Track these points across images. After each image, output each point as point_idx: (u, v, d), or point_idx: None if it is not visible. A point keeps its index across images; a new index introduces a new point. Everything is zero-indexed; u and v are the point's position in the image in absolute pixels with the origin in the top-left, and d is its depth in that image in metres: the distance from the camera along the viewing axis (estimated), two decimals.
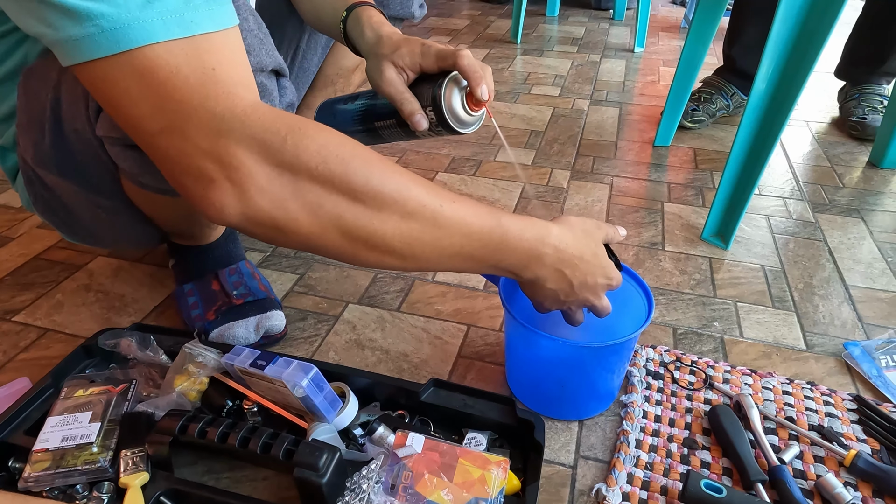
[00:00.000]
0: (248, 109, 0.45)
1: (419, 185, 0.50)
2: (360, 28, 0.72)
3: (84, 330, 0.84)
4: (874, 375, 0.76)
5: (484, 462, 0.57)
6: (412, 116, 0.65)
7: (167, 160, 0.47)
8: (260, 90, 0.60)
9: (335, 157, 0.46)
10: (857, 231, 1.10)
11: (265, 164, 0.45)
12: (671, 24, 2.66)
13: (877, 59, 1.49)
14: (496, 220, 0.54)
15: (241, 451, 0.57)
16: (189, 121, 0.44)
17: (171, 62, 0.43)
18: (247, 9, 0.57)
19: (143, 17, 0.41)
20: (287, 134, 0.45)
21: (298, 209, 0.47)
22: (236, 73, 0.46)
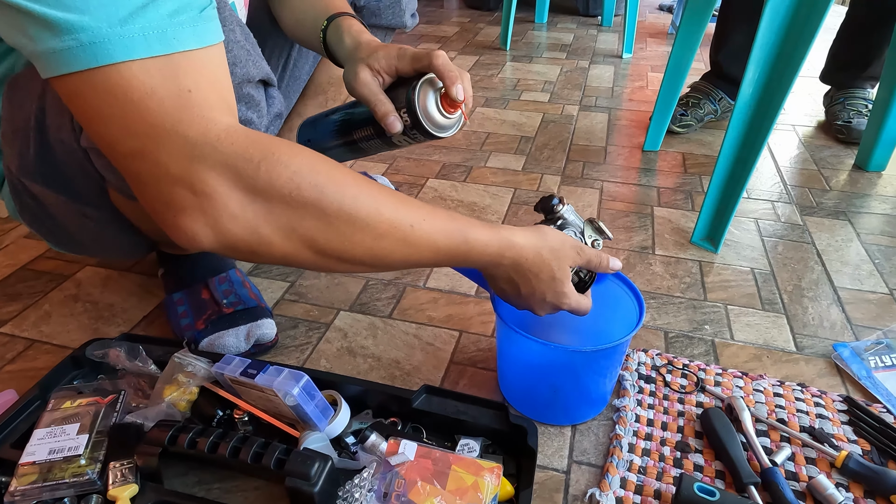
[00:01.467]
0: (221, 134, 0.44)
1: (392, 205, 0.51)
2: (339, 36, 0.71)
3: (72, 341, 0.83)
4: (863, 376, 0.76)
5: (477, 469, 0.57)
6: (386, 118, 0.64)
7: (138, 183, 0.46)
8: (247, 101, 0.60)
9: (309, 184, 0.46)
10: (844, 233, 1.11)
11: (238, 191, 0.45)
12: (659, 30, 2.69)
13: (860, 63, 1.51)
14: (463, 236, 0.55)
15: (231, 460, 0.56)
16: (161, 145, 0.43)
17: (146, 82, 0.42)
18: (234, 20, 0.57)
19: (123, 33, 0.40)
20: (261, 160, 0.45)
21: (272, 233, 0.47)
22: (213, 95, 0.45)
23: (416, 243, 0.52)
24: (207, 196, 0.44)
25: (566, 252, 0.60)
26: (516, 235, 0.58)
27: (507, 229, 0.58)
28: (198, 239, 0.46)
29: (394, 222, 0.50)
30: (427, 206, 0.54)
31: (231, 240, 0.47)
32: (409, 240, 0.52)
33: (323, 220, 0.48)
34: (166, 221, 0.47)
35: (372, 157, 1.41)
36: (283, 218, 0.47)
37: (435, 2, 3.21)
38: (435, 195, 1.23)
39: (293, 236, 0.48)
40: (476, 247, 0.56)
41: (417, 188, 1.26)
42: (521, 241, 0.58)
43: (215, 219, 0.45)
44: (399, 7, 0.97)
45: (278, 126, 0.71)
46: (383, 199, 0.50)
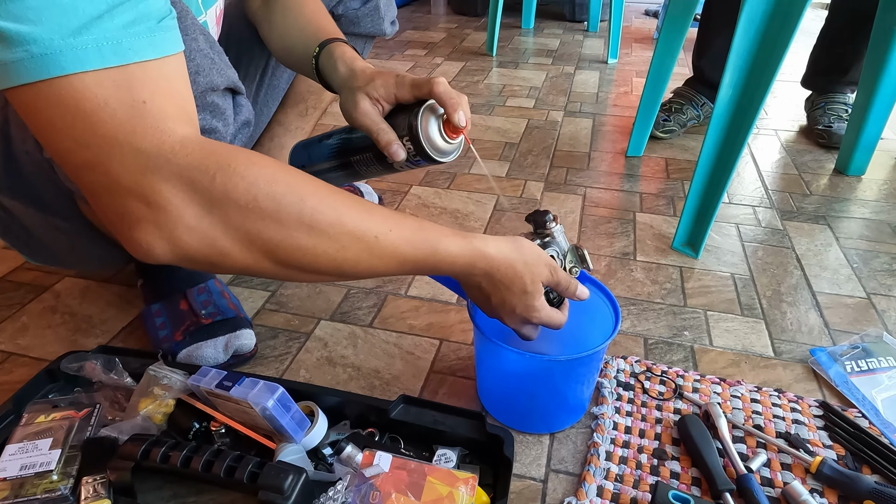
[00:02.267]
0: (176, 146, 0.43)
1: (355, 215, 0.50)
2: (332, 63, 0.71)
3: (49, 353, 0.82)
4: (840, 381, 0.77)
5: (452, 479, 0.57)
6: (389, 147, 0.64)
7: (92, 195, 0.46)
8: (211, 109, 0.60)
9: (265, 194, 0.46)
10: (823, 238, 1.12)
11: (193, 203, 0.44)
12: (644, 36, 2.71)
13: (840, 68, 1.53)
14: (431, 247, 0.54)
15: (205, 474, 0.56)
16: (113, 157, 0.42)
17: (98, 94, 0.41)
18: (197, 28, 0.57)
19: (76, 44, 0.40)
20: (216, 171, 0.44)
21: (230, 245, 0.47)
22: (170, 106, 0.45)
23: (381, 254, 0.52)
24: (161, 208, 0.44)
25: (540, 268, 0.60)
26: (489, 246, 0.58)
27: (481, 239, 0.58)
28: (153, 251, 0.46)
29: (357, 233, 0.50)
30: (395, 216, 0.54)
31: (187, 252, 0.46)
32: (374, 250, 0.51)
33: (282, 232, 0.47)
34: (122, 233, 0.46)
35: None
36: (240, 229, 0.46)
37: (422, 8, 3.22)
38: (418, 202, 1.24)
39: (252, 247, 0.47)
40: (445, 258, 0.55)
41: (401, 195, 1.26)
42: (493, 252, 0.58)
43: (170, 231, 0.45)
44: (378, 15, 0.97)
45: (246, 134, 0.71)
46: (347, 210, 0.50)
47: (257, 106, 0.98)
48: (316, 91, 1.05)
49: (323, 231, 0.48)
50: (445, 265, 0.56)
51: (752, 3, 0.87)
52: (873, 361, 0.80)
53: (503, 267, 0.58)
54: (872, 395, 0.75)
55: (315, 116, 1.09)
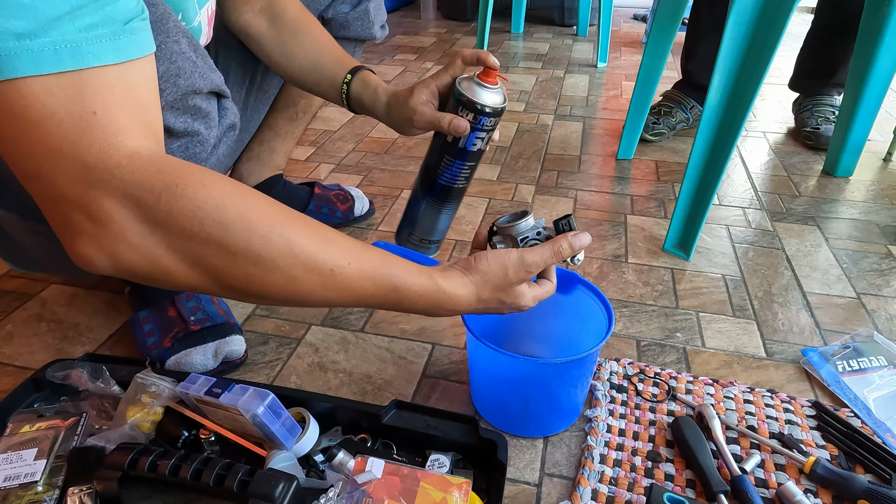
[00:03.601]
0: (122, 161, 0.42)
1: (310, 246, 0.48)
2: (371, 90, 0.78)
3: (35, 361, 0.81)
4: (832, 381, 0.77)
5: (445, 485, 0.56)
6: (451, 123, 0.68)
7: (39, 202, 0.44)
8: (193, 112, 0.59)
9: (213, 220, 0.44)
10: (813, 238, 1.13)
11: (136, 221, 0.43)
12: (633, 40, 2.72)
13: (827, 71, 1.54)
14: (394, 286, 0.53)
15: (194, 483, 0.55)
16: (57, 168, 0.41)
17: (46, 103, 0.39)
18: (179, 31, 0.56)
19: (31, 46, 0.38)
20: (162, 191, 0.43)
21: (173, 264, 0.46)
22: (124, 117, 0.43)
23: (336, 288, 0.50)
24: (103, 223, 0.43)
25: (513, 277, 0.58)
26: (456, 284, 0.57)
27: (446, 277, 0.56)
28: (94, 264, 0.45)
29: (310, 265, 0.48)
30: (357, 249, 0.52)
31: (129, 267, 0.45)
32: (329, 284, 0.50)
33: (228, 259, 0.46)
34: (65, 243, 0.45)
35: (347, 170, 1.40)
36: (184, 251, 0.45)
37: (412, 13, 3.22)
38: None
39: (196, 269, 0.46)
40: (407, 295, 0.54)
41: (392, 199, 1.26)
42: (461, 291, 0.57)
43: (112, 246, 0.44)
44: (368, 19, 0.97)
45: (232, 138, 0.70)
46: (301, 241, 0.48)
47: (247, 110, 0.97)
48: (306, 96, 1.04)
49: (272, 262, 0.47)
50: (408, 303, 0.55)
51: (740, 8, 0.87)
52: (864, 361, 0.80)
53: (472, 305, 0.58)
54: (864, 394, 0.75)
55: (305, 121, 1.08)
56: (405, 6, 3.35)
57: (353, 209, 1.14)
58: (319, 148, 1.53)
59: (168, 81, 0.55)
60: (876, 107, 1.31)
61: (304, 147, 1.53)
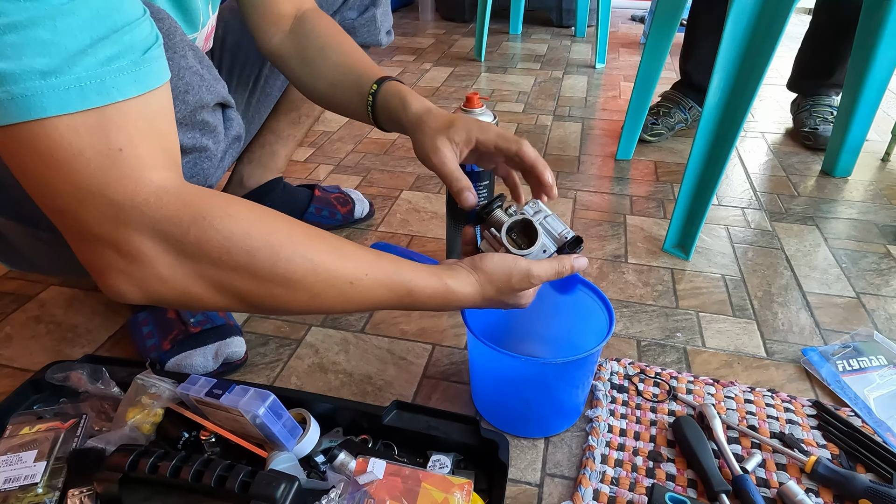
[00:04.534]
0: (150, 198, 0.43)
1: (330, 263, 0.51)
2: (399, 101, 0.69)
3: (34, 363, 0.80)
4: (832, 380, 0.77)
5: (447, 485, 0.56)
6: (461, 194, 0.64)
7: (67, 236, 0.45)
8: (201, 127, 0.59)
9: (240, 249, 0.46)
10: (812, 238, 1.13)
11: (166, 254, 0.44)
12: (631, 41, 2.73)
13: (825, 71, 1.55)
14: (407, 290, 0.55)
15: (195, 484, 0.54)
16: (86, 207, 0.42)
17: (73, 142, 0.40)
18: (186, 44, 0.56)
19: (57, 84, 0.38)
20: (190, 224, 0.44)
21: (202, 291, 0.47)
22: (148, 150, 0.44)
23: (355, 299, 0.53)
24: (134, 258, 0.44)
25: (516, 285, 0.59)
26: (462, 284, 0.58)
27: (454, 277, 0.58)
28: (125, 296, 0.46)
29: (331, 281, 0.51)
30: (371, 259, 0.54)
31: (160, 297, 0.47)
32: (348, 296, 0.52)
33: (255, 282, 0.48)
34: (94, 275, 0.46)
35: (346, 171, 1.40)
36: (213, 278, 0.47)
37: (410, 14, 3.22)
38: (409, 207, 1.23)
39: (225, 294, 0.48)
40: (419, 297, 0.57)
41: (391, 200, 1.26)
42: (466, 290, 0.58)
43: (142, 280, 0.45)
44: (375, 25, 0.98)
45: (237, 149, 0.70)
46: (322, 258, 0.50)
47: (248, 112, 0.97)
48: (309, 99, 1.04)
49: (297, 282, 0.49)
50: (421, 304, 0.57)
51: (738, 9, 0.88)
52: (864, 360, 0.80)
53: (477, 302, 0.60)
54: (865, 393, 0.75)
55: (307, 124, 1.08)
56: (403, 7, 3.36)
57: (353, 212, 1.14)
58: (318, 149, 1.53)
59: (177, 98, 0.55)
60: (874, 107, 1.31)
61: (304, 148, 1.52)
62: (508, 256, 0.60)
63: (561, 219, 0.64)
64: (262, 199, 1.06)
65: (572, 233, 0.63)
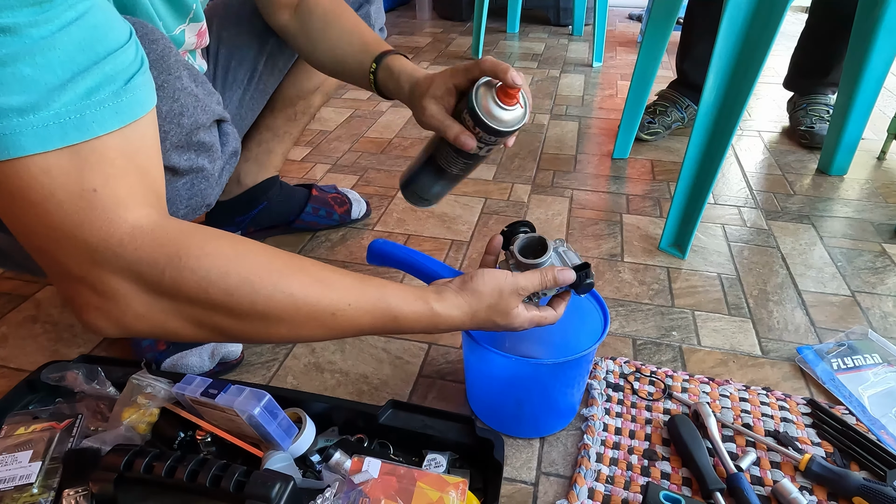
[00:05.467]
0: (124, 238, 0.42)
1: (312, 296, 0.50)
2: (394, 80, 0.72)
3: (30, 363, 0.80)
4: (827, 379, 0.78)
5: (442, 484, 0.56)
6: (457, 139, 0.64)
7: (46, 272, 0.45)
8: (197, 148, 0.59)
9: (217, 288, 0.45)
10: (808, 237, 1.13)
11: (142, 293, 0.44)
12: (628, 39, 2.73)
13: (821, 70, 1.55)
14: (392, 317, 0.55)
15: (190, 484, 0.55)
16: (61, 248, 0.42)
17: (45, 184, 0.39)
18: (181, 65, 0.55)
19: (35, 122, 0.37)
20: (165, 266, 0.44)
21: (180, 326, 0.47)
22: (124, 189, 0.43)
23: (338, 328, 0.52)
24: (109, 297, 0.44)
25: (507, 303, 0.59)
26: (449, 307, 0.57)
27: (441, 300, 0.57)
28: (102, 332, 0.46)
29: (313, 314, 0.50)
30: (354, 287, 0.53)
31: (138, 332, 0.47)
32: (331, 326, 0.52)
33: (233, 319, 0.47)
34: (72, 311, 0.46)
35: (342, 170, 1.40)
36: (190, 315, 0.46)
37: (407, 12, 3.22)
38: (406, 206, 1.23)
39: (204, 328, 0.48)
40: (406, 323, 0.56)
41: (388, 199, 1.26)
42: (454, 313, 0.58)
43: (119, 317, 0.45)
44: (368, 21, 0.98)
45: (234, 164, 0.70)
46: (302, 292, 0.49)
47: (242, 108, 0.97)
48: (305, 95, 1.04)
49: (277, 317, 0.48)
50: (407, 328, 0.57)
51: (734, 8, 0.88)
52: (859, 358, 0.80)
53: (466, 324, 0.59)
54: (859, 391, 0.75)
55: (304, 122, 1.08)
56: (400, 6, 3.35)
57: (350, 212, 1.14)
58: (315, 148, 1.53)
59: (172, 122, 0.55)
60: (870, 106, 1.32)
61: (301, 147, 1.52)
62: (499, 273, 0.59)
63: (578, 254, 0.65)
64: (259, 198, 1.05)
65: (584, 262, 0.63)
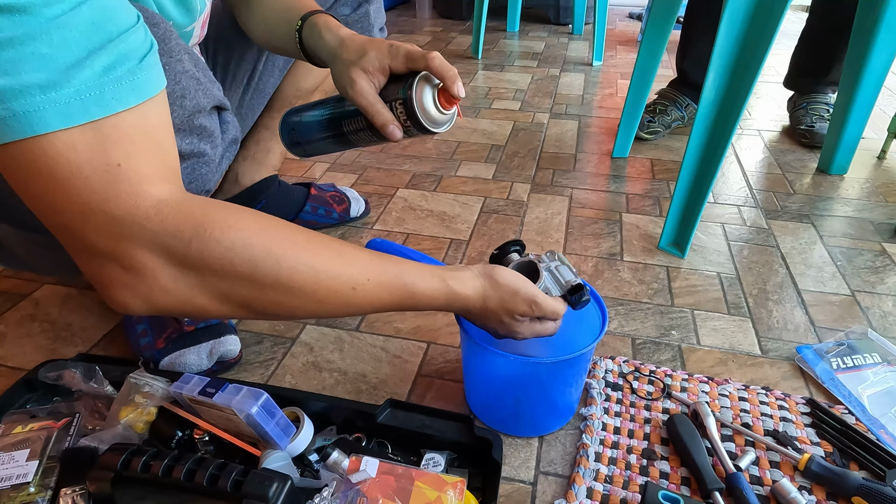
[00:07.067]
0: (150, 211, 0.43)
1: (333, 270, 0.51)
2: (317, 34, 0.68)
3: (28, 362, 0.80)
4: (826, 378, 0.77)
5: (440, 484, 0.56)
6: (386, 128, 0.62)
7: (70, 251, 0.46)
8: (199, 133, 0.60)
9: (242, 259, 0.46)
10: (807, 236, 1.13)
11: (169, 266, 0.45)
12: (628, 38, 2.72)
13: (821, 69, 1.55)
14: (409, 293, 0.56)
15: (188, 483, 0.54)
16: (87, 223, 0.42)
17: (72, 160, 0.40)
18: (182, 49, 0.56)
19: (57, 98, 0.37)
20: (192, 237, 0.44)
21: (206, 300, 0.48)
22: (147, 164, 0.44)
23: (358, 303, 0.53)
24: (137, 272, 0.44)
25: (516, 305, 0.60)
26: (466, 286, 0.59)
27: (457, 278, 0.58)
28: (130, 309, 0.47)
29: (334, 287, 0.51)
30: (374, 263, 0.54)
31: (164, 308, 0.48)
32: (351, 300, 0.53)
33: (258, 291, 0.48)
34: (98, 288, 0.47)
35: (341, 169, 1.40)
36: (216, 288, 0.47)
37: (407, 11, 3.22)
38: (405, 205, 1.23)
39: (229, 302, 0.49)
40: (422, 300, 0.57)
41: (387, 198, 1.26)
42: (468, 292, 0.59)
43: (146, 292, 0.46)
44: (368, 21, 0.97)
45: (234, 152, 0.70)
46: (325, 265, 0.50)
47: (242, 108, 0.97)
48: (303, 96, 1.04)
49: (300, 289, 0.49)
50: (423, 305, 0.58)
51: (734, 6, 0.87)
52: (859, 358, 0.80)
53: (477, 306, 0.60)
54: (858, 391, 0.75)
55: None
56: (400, 5, 3.35)
57: (348, 210, 1.14)
58: None
59: (175, 103, 0.55)
60: (870, 104, 1.31)
61: None
62: (523, 278, 0.61)
63: (574, 270, 0.65)
64: (257, 196, 1.05)
65: (578, 280, 0.64)
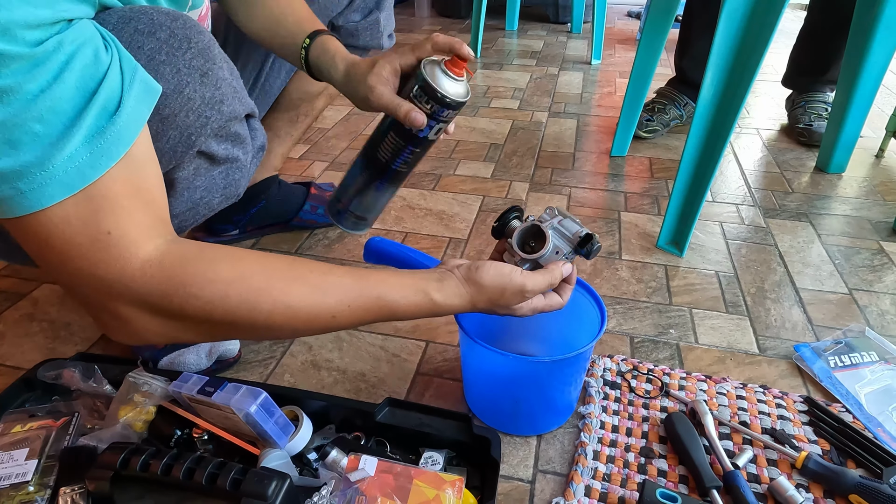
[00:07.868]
0: (136, 273, 0.47)
1: (311, 303, 0.53)
2: (328, 58, 0.71)
3: (27, 361, 0.80)
4: (824, 377, 0.78)
5: (439, 482, 0.56)
6: (408, 114, 0.63)
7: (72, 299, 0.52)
8: (233, 139, 0.63)
9: (221, 311, 0.50)
10: (805, 235, 1.13)
11: (153, 318, 0.50)
12: (627, 37, 2.72)
13: (820, 68, 1.55)
14: (390, 310, 0.57)
15: (187, 482, 0.54)
16: (82, 285, 0.48)
17: (66, 231, 0.44)
18: (222, 58, 0.58)
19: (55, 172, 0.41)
20: (173, 294, 0.48)
21: (192, 336, 0.54)
22: (133, 228, 0.47)
23: (340, 325, 0.56)
24: (126, 321, 0.50)
25: (507, 300, 0.59)
26: (449, 296, 0.58)
27: (441, 290, 0.58)
28: (125, 342, 0.54)
29: (312, 319, 0.54)
30: (353, 288, 0.55)
31: (154, 342, 0.56)
32: (332, 325, 0.55)
33: (239, 332, 0.54)
34: (97, 326, 0.54)
35: (341, 168, 1.40)
36: (200, 330, 0.52)
37: (406, 10, 3.22)
38: (403, 204, 1.23)
39: (214, 336, 0.57)
40: (406, 315, 0.58)
41: None
42: (454, 301, 0.58)
43: (136, 335, 0.51)
44: (378, 29, 0.98)
45: (260, 158, 0.73)
46: (301, 303, 0.53)
47: None
48: (308, 99, 1.04)
49: (278, 327, 0.53)
50: (409, 318, 0.59)
51: (732, 5, 0.88)
52: (856, 356, 0.80)
53: (466, 310, 0.60)
54: (856, 389, 0.75)
55: (305, 123, 1.08)
56: (399, 4, 3.35)
57: None
58: (313, 146, 1.53)
59: (213, 108, 0.57)
60: (868, 103, 1.31)
61: (299, 145, 1.52)
62: (505, 269, 0.59)
63: (577, 219, 0.64)
64: (257, 196, 1.05)
65: (585, 230, 0.62)
